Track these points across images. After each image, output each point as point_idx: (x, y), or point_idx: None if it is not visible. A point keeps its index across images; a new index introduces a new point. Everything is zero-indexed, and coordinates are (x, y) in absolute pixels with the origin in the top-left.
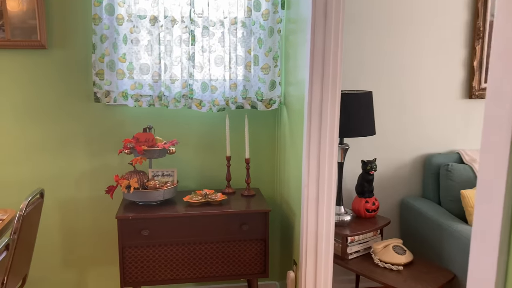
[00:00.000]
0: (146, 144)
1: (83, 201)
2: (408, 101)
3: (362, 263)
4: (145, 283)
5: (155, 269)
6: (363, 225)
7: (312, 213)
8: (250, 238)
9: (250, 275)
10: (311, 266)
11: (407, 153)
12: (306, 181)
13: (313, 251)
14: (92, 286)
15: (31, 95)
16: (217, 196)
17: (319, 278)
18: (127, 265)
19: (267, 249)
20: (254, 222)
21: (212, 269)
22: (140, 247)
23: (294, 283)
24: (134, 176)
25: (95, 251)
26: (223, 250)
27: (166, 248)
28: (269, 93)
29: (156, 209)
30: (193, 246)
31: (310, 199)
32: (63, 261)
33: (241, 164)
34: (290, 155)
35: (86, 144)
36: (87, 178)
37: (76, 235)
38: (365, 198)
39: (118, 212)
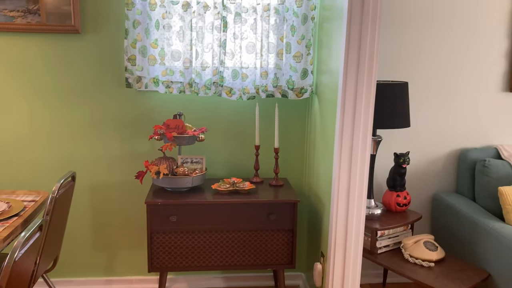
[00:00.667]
0: (176, 131)
1: (113, 185)
2: (445, 93)
3: (391, 258)
4: (172, 269)
5: (182, 255)
6: (394, 219)
7: (342, 206)
8: (278, 229)
9: (277, 266)
10: (340, 259)
11: (442, 147)
12: (337, 172)
13: (342, 244)
14: (120, 269)
15: (64, 79)
16: (245, 185)
17: (347, 272)
18: (155, 250)
19: (295, 240)
20: (282, 212)
21: (238, 258)
22: (168, 233)
23: (321, 275)
24: (163, 162)
25: (124, 235)
26: (250, 239)
27: (194, 235)
28: (300, 81)
29: (185, 195)
30: (220, 234)
31: (340, 191)
32: (93, 244)
33: (269, 154)
34: (320, 145)
35: (117, 129)
36: (117, 163)
37: (105, 218)
38: (396, 192)
39: (147, 197)
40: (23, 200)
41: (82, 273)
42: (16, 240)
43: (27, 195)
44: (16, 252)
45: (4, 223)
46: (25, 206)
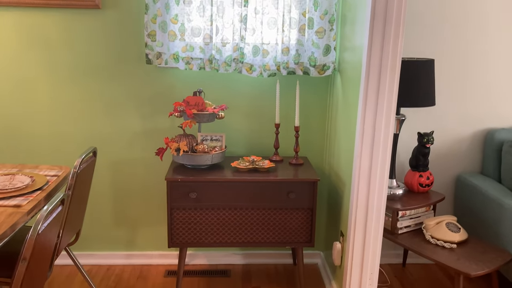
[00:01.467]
0: (196, 108)
1: (134, 161)
2: (472, 71)
3: (412, 238)
4: (191, 245)
5: (201, 231)
6: (416, 199)
7: (363, 185)
8: (297, 207)
9: (295, 244)
10: (360, 238)
11: (467, 127)
12: (359, 151)
13: (363, 224)
14: (141, 244)
15: (84, 55)
16: (264, 163)
17: (367, 251)
18: (175, 226)
19: (314, 219)
20: (301, 191)
21: (257, 235)
22: (188, 209)
23: (341, 255)
24: (183, 139)
25: (144, 211)
26: (269, 217)
27: (213, 212)
28: (322, 58)
29: (204, 173)
30: (240, 211)
31: (362, 171)
32: (114, 219)
33: (290, 132)
34: (342, 124)
35: (138, 106)
36: (138, 139)
37: (126, 194)
38: (419, 172)
39: (168, 174)
40: (46, 175)
41: (104, 247)
42: (39, 214)
43: (50, 170)
44: (39, 224)
45: (28, 197)
46: (48, 181)
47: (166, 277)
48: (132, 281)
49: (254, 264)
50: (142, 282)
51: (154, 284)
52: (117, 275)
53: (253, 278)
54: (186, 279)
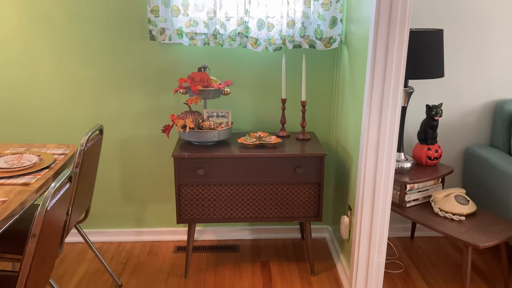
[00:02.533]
0: (201, 84)
1: (140, 139)
2: (482, 41)
3: (421, 211)
4: (199, 221)
5: (209, 207)
6: (424, 173)
7: (371, 159)
8: (304, 182)
9: (303, 218)
10: (368, 212)
11: (476, 98)
12: (366, 125)
13: (370, 198)
14: (150, 221)
15: (87, 32)
16: (271, 139)
17: (375, 225)
18: (183, 203)
19: (321, 193)
20: (309, 166)
21: (265, 210)
22: (196, 185)
23: (348, 228)
24: (189, 116)
25: (152, 188)
26: (277, 192)
27: (221, 188)
28: (329, 31)
29: (211, 149)
30: (247, 187)
31: (370, 144)
32: (123, 197)
33: (296, 107)
34: (349, 97)
35: (142, 83)
36: (143, 117)
37: (134, 172)
38: (427, 145)
39: (174, 151)
40: (54, 153)
41: (114, 225)
42: (47, 191)
43: (57, 148)
44: (47, 201)
45: (36, 175)
46: (55, 159)
47: (175, 253)
48: (142, 257)
49: (263, 239)
50: (153, 258)
51: (164, 259)
52: (128, 252)
53: (262, 252)
54: (195, 254)
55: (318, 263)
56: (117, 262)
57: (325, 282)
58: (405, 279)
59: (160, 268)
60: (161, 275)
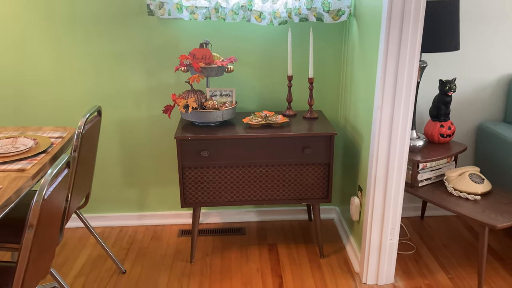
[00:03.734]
0: (203, 61)
1: (140, 120)
2: (496, 13)
3: (434, 191)
4: (204, 204)
5: (215, 190)
6: (436, 151)
7: (384, 138)
8: (313, 162)
9: (312, 200)
10: (380, 194)
11: (490, 72)
12: (379, 102)
13: (383, 178)
14: (153, 205)
15: (83, 8)
16: (277, 118)
17: (388, 206)
18: (187, 186)
19: (331, 174)
20: (317, 146)
21: (272, 192)
22: (200, 168)
23: (359, 210)
24: (191, 95)
25: (154, 170)
26: (284, 174)
27: (226, 170)
28: (337, 2)
29: (215, 130)
30: (254, 168)
31: (383, 123)
32: (124, 180)
33: (303, 84)
34: (359, 74)
35: (141, 61)
36: (143, 97)
37: (135, 154)
38: (440, 122)
39: (177, 132)
40: (50, 137)
41: (115, 209)
42: (43, 178)
43: (54, 131)
44: (44, 189)
45: (32, 160)
46: (52, 143)
47: (180, 236)
48: (146, 242)
49: (269, 221)
50: (156, 242)
51: (168, 244)
52: (131, 236)
53: (269, 235)
54: (201, 238)
55: (327, 245)
56: (120, 248)
57: (335, 265)
58: (417, 260)
59: (165, 253)
60: (166, 260)
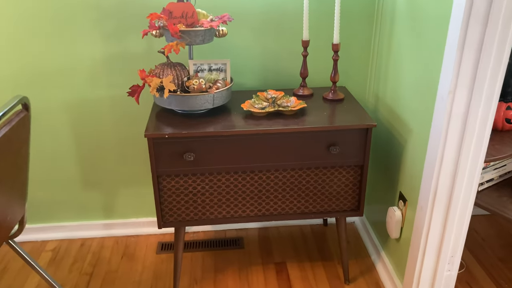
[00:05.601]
0: (183, 22)
1: (99, 103)
2: None
3: (499, 197)
4: (191, 223)
5: (204, 204)
6: (501, 142)
7: (454, 135)
8: (341, 165)
9: (338, 213)
10: (441, 210)
11: None
12: (451, 86)
13: (447, 190)
14: (124, 210)
15: None
16: (290, 102)
17: (450, 228)
18: (166, 200)
19: (364, 180)
20: (348, 142)
21: (283, 205)
22: (184, 176)
23: (400, 225)
24: (168, 71)
25: (124, 166)
26: (301, 181)
27: (220, 178)
28: None
29: (203, 122)
30: (258, 175)
31: (454, 116)
32: (84, 179)
33: (322, 53)
34: (406, 40)
35: (96, 21)
36: (102, 70)
37: (96, 146)
38: (506, 103)
39: (148, 126)
40: None
41: (74, 216)
42: None
43: None
44: None
45: None
46: None
47: (159, 253)
48: (115, 262)
49: (273, 227)
50: (129, 263)
51: (144, 265)
52: (95, 254)
53: (275, 249)
54: (187, 254)
55: (351, 260)
56: (80, 272)
57: None
58: (469, 283)
59: (140, 280)
60: None
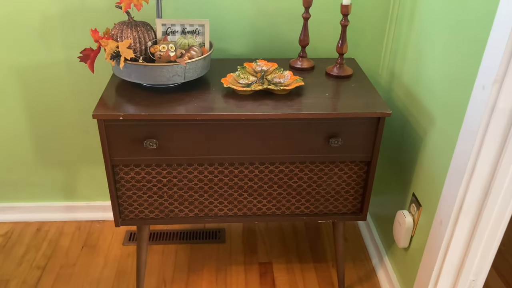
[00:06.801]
0: None
1: (55, 65)
2: None
3: None
4: (157, 221)
5: (173, 200)
6: None
7: (495, 134)
8: (342, 160)
9: (336, 216)
10: (467, 224)
11: None
12: (499, 71)
13: (478, 201)
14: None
15: None
16: (284, 77)
17: (476, 247)
18: (125, 193)
19: (371, 178)
20: (353, 133)
21: (270, 204)
22: (146, 167)
23: (411, 233)
24: (127, 32)
25: (86, 141)
26: (291, 177)
27: (192, 170)
28: None
29: (172, 99)
30: (239, 168)
31: (499, 109)
32: (38, 158)
33: (329, 16)
34: (438, 3)
35: None
36: (52, 28)
37: (53, 118)
38: None
39: (101, 102)
40: None
41: (31, 197)
42: None
43: None
44: None
45: None
46: None
47: (127, 244)
48: (73, 254)
49: None
50: (89, 255)
51: (107, 259)
52: (51, 243)
53: (260, 246)
54: (157, 247)
55: (348, 263)
56: (31, 266)
57: None
58: None
59: (99, 278)
60: None
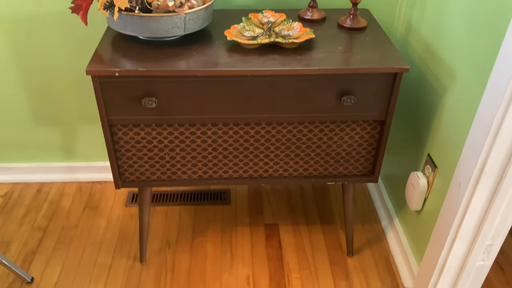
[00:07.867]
0: None
1: (45, 18)
2: None
3: None
4: (159, 183)
5: (175, 162)
6: None
7: None
8: (354, 120)
9: (347, 178)
10: (487, 188)
11: None
12: None
13: (501, 165)
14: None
15: None
16: (293, 30)
17: (495, 212)
18: (124, 154)
19: (385, 139)
20: (367, 91)
21: (277, 166)
22: (145, 126)
23: (425, 196)
24: None
25: (81, 103)
26: (300, 138)
27: (194, 131)
28: None
29: (171, 53)
30: (244, 129)
31: None
32: (34, 118)
33: None
34: None
35: None
36: None
37: (49, 78)
38: None
39: (95, 57)
40: None
41: (31, 157)
42: None
43: None
44: None
45: None
46: None
47: (129, 205)
48: (75, 216)
49: None
50: (91, 217)
51: (109, 220)
52: (52, 204)
53: (266, 207)
54: (162, 209)
55: (356, 224)
56: (33, 227)
57: (370, 271)
58: (501, 265)
59: (102, 241)
60: (102, 257)
